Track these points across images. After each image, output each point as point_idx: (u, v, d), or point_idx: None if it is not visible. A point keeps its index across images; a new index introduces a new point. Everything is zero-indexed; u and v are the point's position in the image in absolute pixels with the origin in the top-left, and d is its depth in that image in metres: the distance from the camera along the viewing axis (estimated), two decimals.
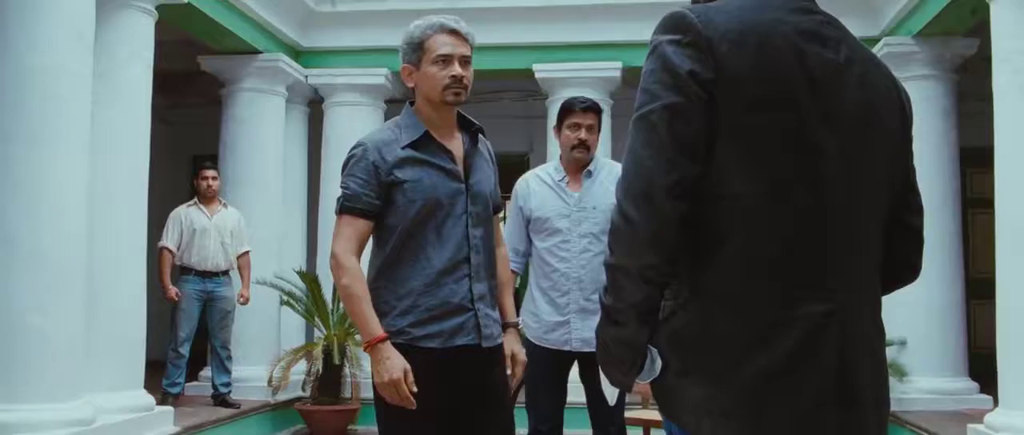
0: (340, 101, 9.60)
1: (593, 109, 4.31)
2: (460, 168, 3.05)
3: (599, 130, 4.35)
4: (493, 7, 8.82)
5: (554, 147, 5.55)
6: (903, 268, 1.92)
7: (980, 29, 7.38)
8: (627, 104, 1.63)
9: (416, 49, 3.02)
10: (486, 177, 3.15)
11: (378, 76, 9.50)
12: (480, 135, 3.18)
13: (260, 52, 8.85)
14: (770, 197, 1.64)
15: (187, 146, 11.88)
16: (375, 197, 2.96)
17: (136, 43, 6.59)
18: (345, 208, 3.00)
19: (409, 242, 2.98)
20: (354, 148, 3.03)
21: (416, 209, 2.96)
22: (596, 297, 4.24)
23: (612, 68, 9.16)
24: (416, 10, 9.23)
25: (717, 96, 1.62)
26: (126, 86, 6.49)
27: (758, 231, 1.64)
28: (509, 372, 3.22)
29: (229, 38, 8.40)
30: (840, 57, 1.72)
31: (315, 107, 10.05)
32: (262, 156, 9.01)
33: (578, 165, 4.34)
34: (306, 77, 9.57)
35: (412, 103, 3.11)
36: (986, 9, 6.29)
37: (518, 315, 3.59)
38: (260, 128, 9.02)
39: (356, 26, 9.44)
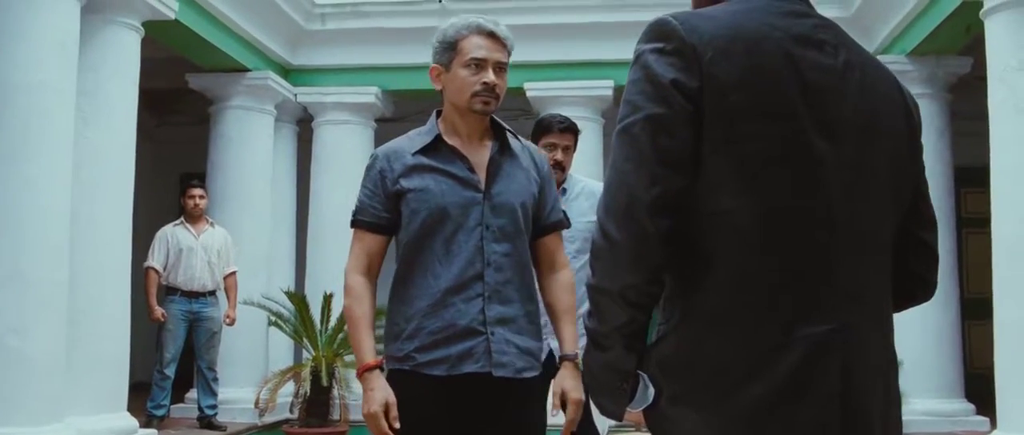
0: (330, 120, 9.53)
1: (571, 129, 4.20)
2: (479, 176, 2.73)
3: (575, 150, 4.25)
4: None
5: None
6: (916, 285, 1.80)
7: (974, 47, 7.34)
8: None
9: (448, 49, 2.75)
10: (518, 187, 2.77)
11: (368, 95, 9.43)
12: (528, 143, 2.90)
13: (248, 70, 8.78)
14: (763, 212, 1.54)
15: (175, 164, 11.78)
16: (382, 209, 2.73)
17: (121, 60, 6.52)
18: (354, 221, 2.79)
19: (416, 258, 2.71)
20: (371, 158, 2.82)
21: (420, 221, 2.69)
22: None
23: (603, 87, 9.12)
24: (408, 29, 9.26)
25: (703, 106, 1.53)
26: (111, 103, 6.41)
27: (752, 249, 1.54)
28: (554, 410, 2.82)
29: (217, 55, 8.32)
30: (838, 62, 1.62)
31: (304, 126, 9.97)
32: (250, 175, 8.92)
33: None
34: (295, 95, 9.50)
35: (439, 112, 2.84)
36: (980, 27, 6.24)
37: None
38: (248, 146, 8.94)
39: (346, 44, 9.38)
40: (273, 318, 8.62)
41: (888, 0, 7.83)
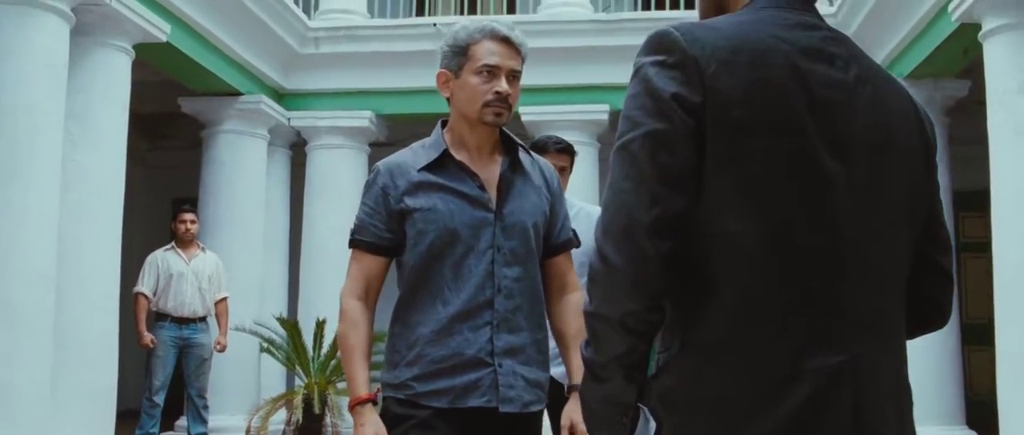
0: (323, 144, 9.46)
1: (566, 151, 4.11)
2: (490, 195, 2.53)
3: (571, 172, 4.17)
4: None
5: None
6: (931, 310, 1.71)
7: (971, 70, 7.29)
8: None
9: (458, 53, 2.54)
10: (530, 206, 2.59)
11: (362, 119, 9.37)
12: (537, 157, 2.71)
13: (241, 94, 8.72)
14: (770, 235, 1.45)
15: (168, 189, 11.69)
16: (385, 229, 2.52)
17: (111, 82, 6.45)
18: (352, 241, 2.57)
19: (422, 282, 2.51)
20: (371, 173, 2.61)
21: (427, 242, 2.48)
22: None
23: (599, 111, 9.07)
24: (402, 53, 9.22)
25: (705, 122, 1.44)
26: (100, 126, 6.34)
27: (757, 274, 1.45)
28: None
29: (209, 79, 8.27)
30: (848, 76, 1.54)
31: (298, 150, 9.91)
32: (243, 199, 8.84)
33: None
34: (289, 119, 9.45)
35: (444, 123, 2.64)
36: (978, 50, 6.19)
37: None
38: (241, 171, 8.88)
39: (340, 68, 9.34)
40: (265, 344, 8.53)
41: (885, 22, 7.78)
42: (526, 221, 2.57)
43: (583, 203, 4.24)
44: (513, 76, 2.53)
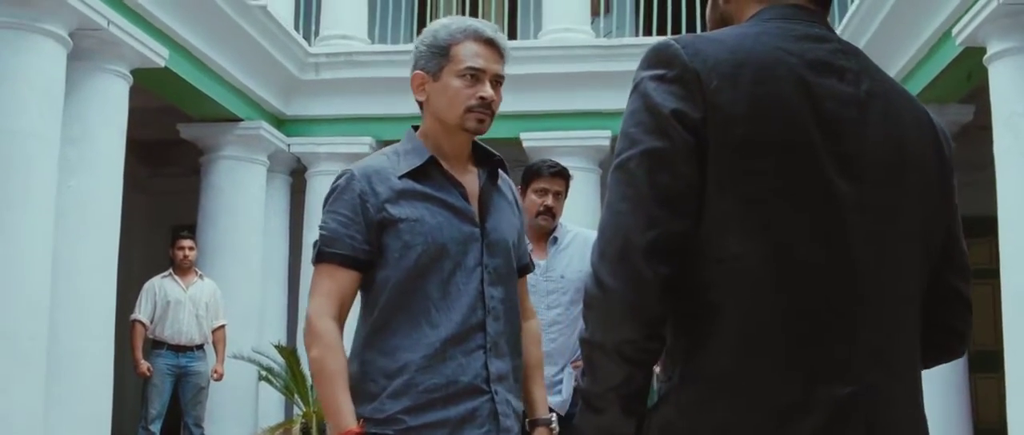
0: (323, 170, 9.40)
1: (562, 175, 4.03)
2: (474, 207, 2.35)
3: (566, 196, 4.09)
4: None
5: None
6: (949, 338, 1.62)
7: (975, 96, 7.23)
8: None
9: (438, 54, 2.33)
10: (508, 222, 2.42)
11: (362, 145, 9.31)
12: (501, 171, 2.49)
13: (241, 119, 8.67)
14: (776, 258, 1.37)
15: (169, 216, 11.62)
16: (362, 240, 2.24)
17: (109, 107, 6.40)
18: (322, 254, 2.26)
19: (405, 301, 2.25)
20: (338, 177, 2.32)
21: (414, 257, 2.24)
22: (563, 370, 3.99)
23: (601, 137, 9.01)
24: (402, 79, 9.08)
25: (707, 139, 1.37)
26: (97, 151, 6.29)
27: (762, 299, 1.37)
28: None
29: (208, 105, 8.22)
30: (859, 91, 1.46)
31: (298, 176, 9.85)
32: (242, 226, 8.78)
33: (542, 233, 4.06)
34: (288, 145, 9.40)
35: (416, 127, 2.44)
36: (982, 74, 6.14)
37: None
38: (240, 197, 8.82)
39: (340, 94, 9.30)
40: (263, 373, 8.45)
41: (887, 47, 7.73)
42: (507, 238, 2.40)
43: (579, 228, 4.17)
44: (497, 81, 2.36)
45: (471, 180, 2.39)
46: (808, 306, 1.37)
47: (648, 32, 10.01)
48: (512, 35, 10.50)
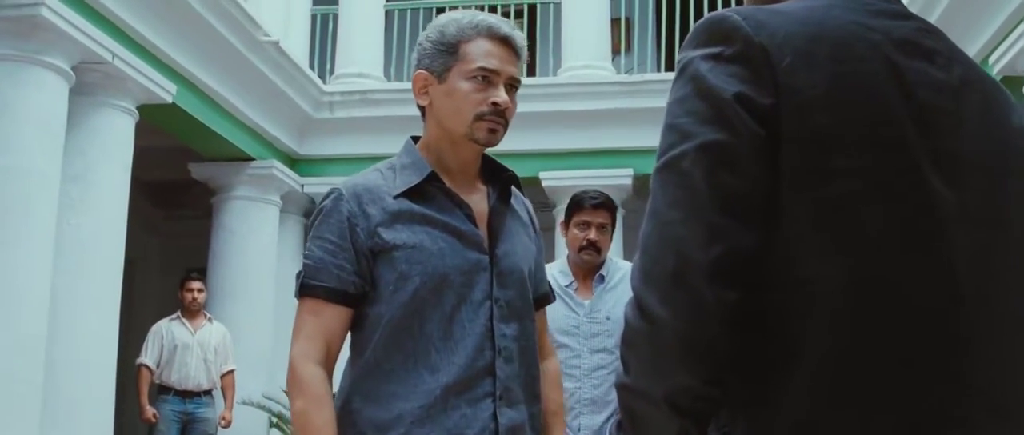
0: None
1: (606, 206, 3.78)
2: (482, 231, 2.03)
3: (613, 230, 3.82)
4: None
5: (562, 248, 5.00)
6: None
7: None
8: (639, 216, 1.09)
9: (446, 52, 2.02)
10: (523, 249, 2.11)
11: None
12: (514, 189, 2.17)
13: (253, 159, 8.50)
14: (865, 282, 1.08)
15: (183, 259, 11.42)
16: (351, 270, 1.94)
17: (113, 144, 6.22)
18: (306, 287, 1.96)
19: (400, 341, 1.95)
20: (324, 198, 2.01)
21: (412, 289, 1.94)
22: (609, 420, 3.71)
23: (623, 175, 8.78)
24: (418, 117, 8.90)
25: (780, 131, 1.09)
26: (100, 189, 6.10)
27: (846, 335, 1.07)
28: None
29: (219, 143, 8.05)
30: (952, 77, 1.19)
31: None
32: (253, 268, 8.58)
33: (587, 269, 3.82)
34: (302, 185, 9.22)
35: (416, 138, 2.13)
36: (1021, 101, 5.85)
37: None
38: (251, 238, 8.64)
39: (355, 133, 9.11)
40: (274, 419, 8.18)
41: None
42: (521, 267, 2.07)
43: (629, 263, 3.88)
44: (512, 85, 2.03)
45: (479, 200, 2.07)
46: (904, 342, 1.08)
47: (671, 67, 9.79)
48: (531, 72, 10.31)
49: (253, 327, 8.43)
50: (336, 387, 1.98)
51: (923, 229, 1.11)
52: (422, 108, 2.08)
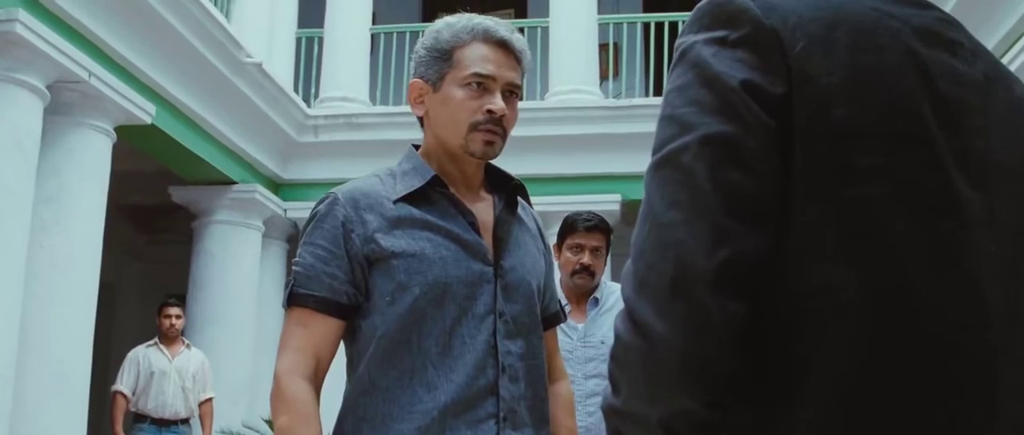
0: None
1: (600, 229, 3.69)
2: (486, 241, 1.92)
3: (607, 253, 3.72)
4: None
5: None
6: None
7: None
8: (627, 242, 0.97)
9: (440, 58, 1.92)
10: (530, 260, 2.00)
11: None
12: (521, 199, 2.06)
13: (235, 182, 8.38)
14: (885, 293, 0.95)
15: (164, 284, 11.27)
16: (344, 279, 1.83)
17: (89, 164, 6.09)
18: (295, 296, 1.84)
19: (396, 356, 1.83)
20: (319, 202, 1.91)
21: (410, 301, 1.82)
22: None
23: (611, 201, 8.68)
24: (403, 141, 8.77)
25: (793, 123, 0.96)
26: (75, 210, 5.97)
27: (864, 351, 0.95)
28: None
29: (200, 166, 7.93)
30: (975, 71, 1.07)
31: (294, 243, 9.46)
32: (234, 294, 8.43)
33: (581, 292, 3.73)
34: (285, 210, 9.10)
35: (417, 146, 2.02)
36: None
37: None
38: (233, 263, 8.50)
39: (340, 157, 8.99)
40: None
41: None
42: (529, 280, 1.95)
43: (616, 284, 3.78)
44: (511, 92, 1.91)
45: (484, 208, 1.96)
46: (930, 361, 0.96)
47: (659, 91, 9.73)
48: None
49: (233, 354, 8.27)
50: (325, 404, 1.85)
51: (949, 234, 0.99)
52: (420, 118, 1.99)
